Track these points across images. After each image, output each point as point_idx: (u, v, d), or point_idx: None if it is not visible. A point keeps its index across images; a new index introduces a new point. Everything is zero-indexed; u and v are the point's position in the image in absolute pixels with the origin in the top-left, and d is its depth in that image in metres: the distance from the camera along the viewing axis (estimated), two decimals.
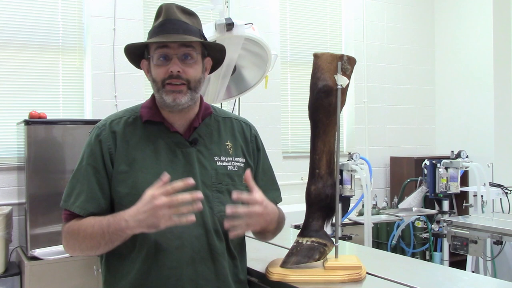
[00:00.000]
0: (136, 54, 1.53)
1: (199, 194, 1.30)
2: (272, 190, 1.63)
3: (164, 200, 1.28)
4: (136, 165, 1.44)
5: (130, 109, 1.56)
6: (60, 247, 3.06)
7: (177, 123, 1.51)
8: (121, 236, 1.35)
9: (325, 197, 1.58)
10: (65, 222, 1.46)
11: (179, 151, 1.48)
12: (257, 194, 1.39)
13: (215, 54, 1.57)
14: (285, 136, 4.76)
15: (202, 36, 1.52)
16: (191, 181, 1.31)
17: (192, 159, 1.48)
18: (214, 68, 1.62)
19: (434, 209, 3.87)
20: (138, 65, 1.57)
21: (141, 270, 1.42)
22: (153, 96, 1.55)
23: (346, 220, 3.74)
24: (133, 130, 1.49)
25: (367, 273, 1.56)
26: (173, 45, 1.44)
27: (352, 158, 3.56)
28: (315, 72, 1.58)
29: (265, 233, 1.55)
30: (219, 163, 1.51)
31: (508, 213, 4.15)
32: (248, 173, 1.43)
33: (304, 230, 1.60)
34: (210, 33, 2.31)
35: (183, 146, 1.49)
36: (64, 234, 1.46)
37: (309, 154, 1.62)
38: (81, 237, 1.40)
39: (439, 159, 3.92)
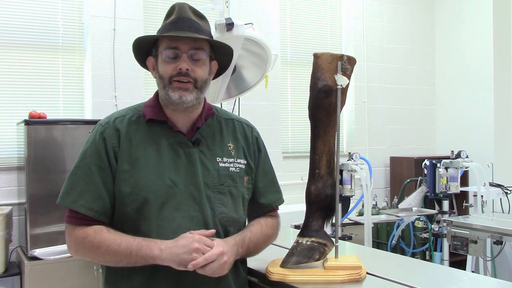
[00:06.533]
0: (143, 51, 1.53)
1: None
2: (272, 193, 1.63)
3: (203, 246, 1.34)
4: (138, 165, 1.43)
5: (133, 107, 1.55)
6: (60, 247, 3.06)
7: (180, 123, 1.51)
8: (147, 262, 1.36)
9: (325, 197, 1.58)
10: (70, 224, 1.42)
11: (182, 151, 1.48)
12: (214, 250, 1.36)
13: (221, 58, 1.57)
14: (285, 136, 4.76)
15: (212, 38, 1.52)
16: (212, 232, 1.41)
17: (195, 160, 1.48)
18: (219, 73, 1.62)
19: (434, 209, 3.86)
20: (142, 62, 1.56)
21: (142, 271, 1.41)
22: (156, 95, 1.55)
23: (346, 220, 3.74)
24: (136, 128, 1.48)
25: (367, 273, 1.56)
26: (184, 44, 1.44)
27: (352, 158, 3.55)
28: (315, 72, 1.58)
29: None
30: (221, 164, 1.50)
31: (508, 213, 4.14)
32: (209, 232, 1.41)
33: (304, 230, 1.60)
34: None
35: (185, 146, 1.48)
36: (76, 242, 1.42)
37: (309, 154, 1.61)
38: (102, 252, 1.38)
39: (439, 159, 3.92)
